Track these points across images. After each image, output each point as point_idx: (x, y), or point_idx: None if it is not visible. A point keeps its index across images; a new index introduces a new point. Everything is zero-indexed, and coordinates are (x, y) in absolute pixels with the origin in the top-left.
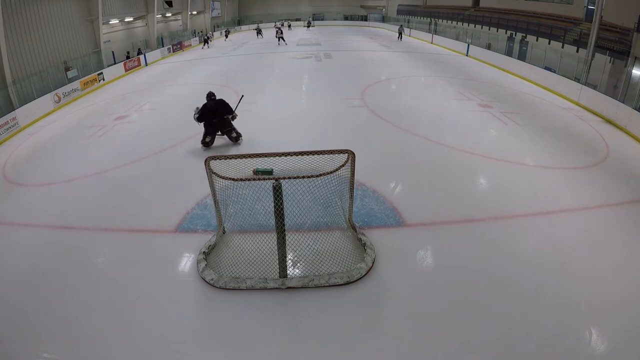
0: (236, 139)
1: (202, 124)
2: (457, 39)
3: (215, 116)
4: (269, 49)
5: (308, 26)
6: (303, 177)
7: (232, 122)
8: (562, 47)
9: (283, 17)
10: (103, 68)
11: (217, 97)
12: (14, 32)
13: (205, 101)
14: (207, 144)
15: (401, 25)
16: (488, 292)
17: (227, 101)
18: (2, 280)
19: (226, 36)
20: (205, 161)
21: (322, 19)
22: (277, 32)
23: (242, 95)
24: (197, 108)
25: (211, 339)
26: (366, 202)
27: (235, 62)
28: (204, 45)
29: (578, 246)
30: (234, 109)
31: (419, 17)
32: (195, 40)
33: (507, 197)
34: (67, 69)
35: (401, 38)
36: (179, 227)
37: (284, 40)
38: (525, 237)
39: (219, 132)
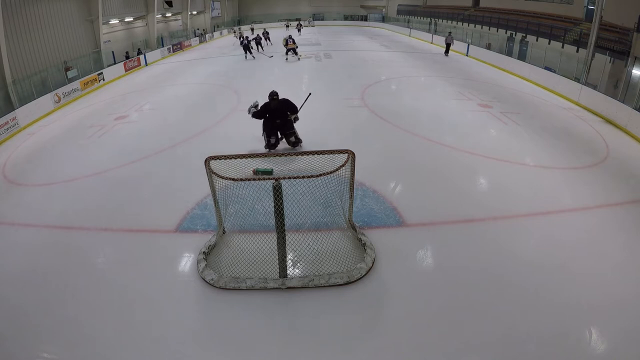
0: (295, 143)
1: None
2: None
3: (280, 116)
4: (269, 48)
5: (299, 30)
6: (303, 177)
7: (294, 124)
8: (562, 47)
9: (283, 17)
10: (103, 68)
11: (279, 97)
12: (14, 32)
13: (268, 100)
14: (273, 145)
15: (450, 34)
16: (488, 292)
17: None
18: (2, 280)
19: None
20: (205, 161)
21: (322, 19)
22: (286, 41)
23: (310, 94)
24: (256, 103)
25: (211, 339)
26: (366, 202)
27: (235, 62)
28: (247, 54)
29: (578, 246)
30: (299, 108)
31: (419, 17)
32: (195, 40)
33: (507, 197)
34: (67, 69)
35: (448, 52)
36: (179, 227)
37: (296, 54)
38: (525, 237)
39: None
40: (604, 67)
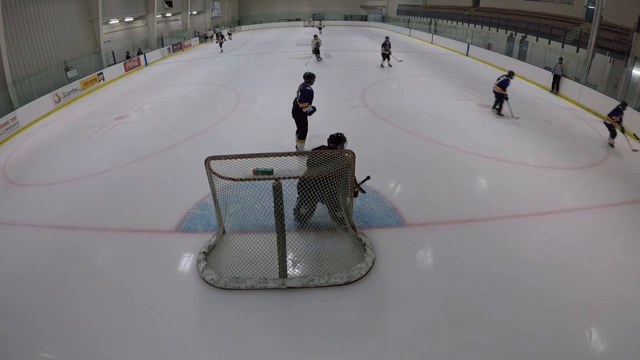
0: (341, 221)
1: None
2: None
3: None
4: (269, 48)
5: (220, 44)
6: (303, 177)
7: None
8: (562, 47)
9: (283, 17)
10: (103, 68)
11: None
12: (14, 32)
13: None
14: (302, 218)
15: (560, 61)
16: (488, 292)
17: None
18: (2, 280)
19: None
20: (205, 161)
21: (322, 19)
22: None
23: (368, 177)
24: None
25: (211, 339)
26: (366, 202)
27: (235, 62)
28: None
29: (578, 246)
30: (358, 184)
31: (418, 17)
32: (195, 40)
33: (507, 197)
34: (67, 69)
35: (557, 87)
36: (179, 227)
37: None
38: (526, 237)
39: None
40: (604, 67)
